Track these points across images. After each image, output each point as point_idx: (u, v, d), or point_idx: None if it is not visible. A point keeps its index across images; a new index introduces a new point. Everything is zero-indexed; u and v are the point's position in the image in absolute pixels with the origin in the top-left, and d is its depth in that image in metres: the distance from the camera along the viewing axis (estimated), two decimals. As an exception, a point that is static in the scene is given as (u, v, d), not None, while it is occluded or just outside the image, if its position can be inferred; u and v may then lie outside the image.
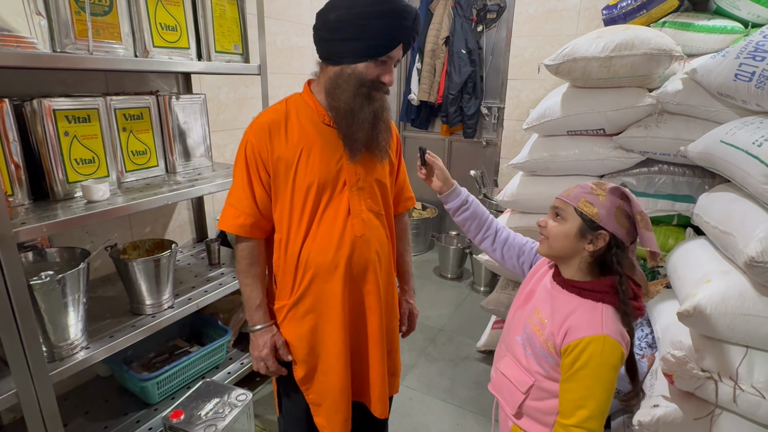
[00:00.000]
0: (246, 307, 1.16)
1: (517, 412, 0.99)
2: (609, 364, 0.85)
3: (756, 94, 1.27)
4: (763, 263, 1.09)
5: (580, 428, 0.85)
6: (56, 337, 1.26)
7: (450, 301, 3.04)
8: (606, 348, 0.85)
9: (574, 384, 0.87)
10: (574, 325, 0.88)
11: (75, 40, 1.25)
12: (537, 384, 0.96)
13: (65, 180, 1.37)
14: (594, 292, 0.90)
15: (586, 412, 0.85)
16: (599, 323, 0.87)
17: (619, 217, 0.88)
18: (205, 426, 1.37)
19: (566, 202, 0.93)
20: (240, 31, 1.80)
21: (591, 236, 0.90)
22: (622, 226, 0.88)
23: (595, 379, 0.85)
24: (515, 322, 1.05)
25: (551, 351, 0.92)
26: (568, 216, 0.92)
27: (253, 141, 1.06)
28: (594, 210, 0.89)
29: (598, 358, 0.84)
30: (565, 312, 0.91)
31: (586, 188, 0.92)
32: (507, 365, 1.04)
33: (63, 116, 1.35)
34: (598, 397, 0.85)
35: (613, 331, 0.86)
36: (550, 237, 0.95)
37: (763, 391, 1.12)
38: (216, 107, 2.21)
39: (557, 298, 0.95)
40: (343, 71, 1.01)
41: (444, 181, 1.15)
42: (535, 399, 0.97)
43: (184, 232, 2.17)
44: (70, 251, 1.39)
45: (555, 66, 1.77)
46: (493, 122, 3.58)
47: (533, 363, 0.97)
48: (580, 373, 0.86)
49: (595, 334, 0.85)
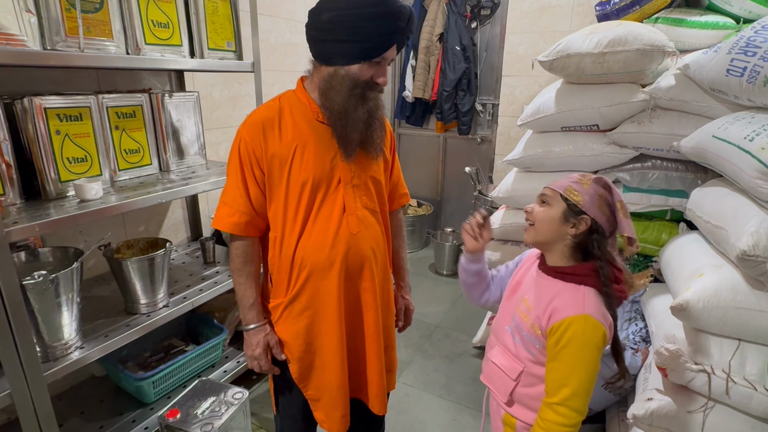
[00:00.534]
0: (240, 306, 1.16)
1: (508, 400, 1.02)
2: (591, 342, 0.89)
3: (747, 89, 1.28)
4: (754, 257, 1.10)
5: (563, 406, 0.88)
6: (50, 337, 1.25)
7: (446, 297, 3.05)
8: (588, 327, 0.89)
9: (557, 363, 0.91)
10: (557, 306, 0.93)
11: (66, 38, 1.24)
12: (526, 370, 0.99)
13: (57, 179, 1.36)
14: (576, 275, 0.95)
15: (569, 390, 0.88)
16: (581, 304, 0.91)
17: (600, 204, 0.94)
18: (202, 425, 1.37)
19: (553, 189, 0.99)
20: (233, 28, 1.79)
21: (574, 220, 0.95)
22: (603, 213, 0.94)
23: (577, 357, 0.89)
24: (504, 312, 1.09)
25: (537, 334, 0.96)
26: (554, 201, 0.98)
27: (246, 139, 1.05)
28: (578, 196, 0.95)
29: (580, 337, 0.89)
30: (550, 295, 0.95)
31: (573, 178, 0.99)
32: (497, 354, 1.07)
33: (54, 114, 1.33)
34: (580, 375, 0.89)
35: (594, 311, 0.90)
36: (536, 221, 1.00)
37: (755, 384, 1.14)
38: (209, 105, 2.20)
39: (542, 284, 1.00)
40: (336, 72, 1.00)
41: (481, 248, 1.14)
42: (525, 385, 1.00)
43: (179, 231, 2.16)
44: (63, 251, 1.38)
45: (549, 62, 1.77)
46: (487, 119, 3.58)
47: (522, 349, 1.00)
48: (563, 351, 0.90)
49: (576, 314, 0.90)
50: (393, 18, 0.96)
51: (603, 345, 0.90)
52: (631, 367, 1.58)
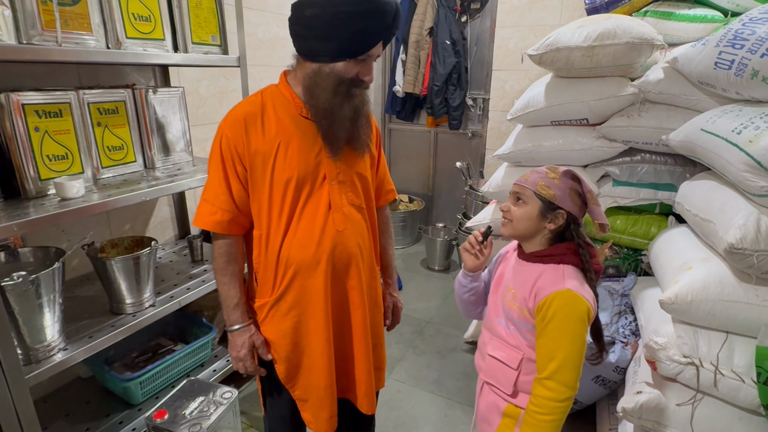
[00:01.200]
0: (223, 307, 1.13)
1: (513, 391, 1.03)
2: (574, 315, 0.92)
3: (735, 82, 1.28)
4: (742, 250, 1.10)
5: (551, 380, 0.90)
6: (32, 339, 1.22)
7: (437, 293, 3.04)
8: (569, 300, 0.92)
9: (544, 339, 0.94)
10: (541, 286, 0.96)
11: (42, 31, 1.20)
12: (526, 356, 1.01)
13: (37, 177, 1.32)
14: (554, 255, 0.99)
15: (556, 363, 0.91)
16: (561, 280, 0.95)
17: (572, 196, 0.99)
18: (190, 425, 1.35)
19: (525, 186, 1.01)
20: (217, 21, 1.75)
21: (551, 216, 0.99)
22: (576, 204, 0.99)
23: (561, 330, 0.91)
24: (493, 306, 1.10)
25: (527, 317, 0.98)
26: (529, 199, 1.01)
27: (228, 134, 1.03)
28: (551, 192, 0.98)
29: (563, 309, 0.91)
30: (533, 279, 0.99)
31: (541, 173, 1.02)
32: (494, 347, 1.08)
33: (33, 111, 1.30)
34: (565, 347, 0.91)
35: (574, 285, 0.94)
36: (514, 219, 1.03)
37: (743, 376, 1.14)
38: (196, 101, 2.16)
39: (524, 270, 1.03)
40: (321, 70, 0.98)
41: (481, 265, 1.14)
42: (527, 373, 1.01)
43: (166, 229, 2.13)
44: (44, 251, 1.35)
45: (538, 56, 1.76)
46: (478, 113, 3.57)
47: (518, 337, 1.02)
48: (548, 327, 0.92)
49: (558, 290, 0.93)
50: (378, 15, 0.93)
51: (587, 319, 0.93)
52: (621, 361, 1.58)
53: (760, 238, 1.10)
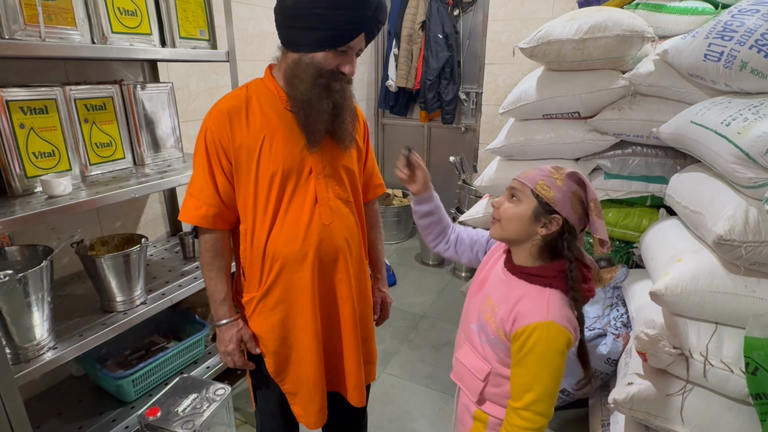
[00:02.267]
0: (210, 302, 1.13)
1: (479, 399, 1.00)
2: (554, 349, 0.86)
3: (724, 74, 1.28)
4: (730, 241, 1.11)
5: (527, 410, 0.87)
6: (20, 338, 1.21)
7: (432, 287, 3.05)
8: (551, 334, 0.85)
9: (521, 369, 0.88)
10: (521, 311, 0.88)
11: (25, 26, 1.18)
12: (494, 371, 0.97)
13: (23, 175, 1.31)
14: (542, 277, 0.90)
15: (533, 395, 0.86)
16: (545, 309, 0.87)
17: (573, 202, 0.88)
18: (183, 422, 1.35)
19: (523, 183, 0.92)
20: (205, 16, 1.73)
21: (545, 219, 0.89)
22: (576, 212, 0.89)
23: (540, 364, 0.86)
24: (470, 309, 1.05)
25: (502, 338, 0.92)
26: (524, 197, 0.91)
27: (212, 128, 1.02)
28: (551, 193, 0.88)
29: (543, 344, 0.85)
30: (514, 299, 0.91)
31: (545, 171, 0.92)
32: (465, 354, 1.04)
33: (17, 107, 1.28)
34: (544, 381, 0.86)
35: (558, 316, 0.86)
36: (503, 218, 0.93)
37: (732, 366, 1.15)
38: (186, 96, 2.14)
39: (507, 284, 0.95)
40: (301, 60, 0.97)
41: (424, 185, 1.09)
42: (494, 385, 0.98)
43: (157, 226, 2.11)
44: (32, 249, 1.33)
45: (529, 49, 1.75)
46: (471, 108, 3.57)
47: (488, 350, 0.97)
48: (527, 358, 0.87)
49: (540, 321, 0.86)
50: (358, 6, 0.92)
51: (567, 350, 0.87)
52: (613, 353, 1.60)
53: (748, 230, 1.10)
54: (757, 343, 1.06)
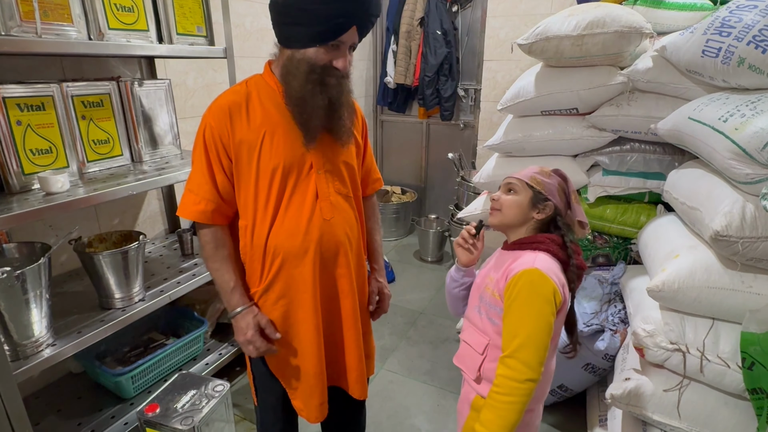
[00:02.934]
0: (221, 293, 1.11)
1: (477, 377, 1.04)
2: (538, 293, 0.92)
3: (722, 70, 1.28)
4: (727, 237, 1.11)
5: (512, 358, 0.89)
6: (19, 335, 1.21)
7: (430, 284, 3.05)
8: (534, 278, 0.93)
9: (509, 317, 0.95)
10: (512, 267, 0.98)
11: (21, 22, 1.17)
12: (491, 342, 1.02)
13: (20, 171, 1.30)
14: (532, 243, 1.02)
15: (518, 340, 0.90)
16: (532, 261, 0.96)
17: (560, 192, 1.05)
18: (182, 418, 1.35)
19: (519, 178, 1.07)
20: (203, 12, 1.72)
21: (540, 206, 1.03)
22: (562, 201, 1.05)
23: (526, 307, 0.92)
24: (473, 296, 1.13)
25: (497, 299, 1.00)
26: (521, 189, 1.05)
27: (212, 124, 1.02)
28: (543, 183, 1.04)
29: (528, 287, 0.92)
30: (507, 263, 1.01)
31: (534, 169, 1.08)
32: (466, 332, 1.12)
33: (14, 104, 1.27)
34: (529, 325, 0.90)
35: (544, 267, 0.94)
36: (504, 206, 1.06)
37: (728, 361, 1.16)
38: (183, 93, 2.14)
39: (503, 257, 1.06)
40: (293, 56, 0.97)
41: (474, 261, 1.14)
42: (492, 360, 1.01)
43: (156, 223, 2.11)
44: (30, 246, 1.33)
45: (528, 45, 1.75)
46: (470, 104, 3.56)
47: (486, 321, 1.03)
48: (513, 304, 0.94)
49: (526, 268, 0.94)
50: (347, 0, 0.91)
51: (554, 301, 0.92)
52: (610, 348, 1.60)
53: (745, 226, 1.10)
54: (753, 338, 1.06)
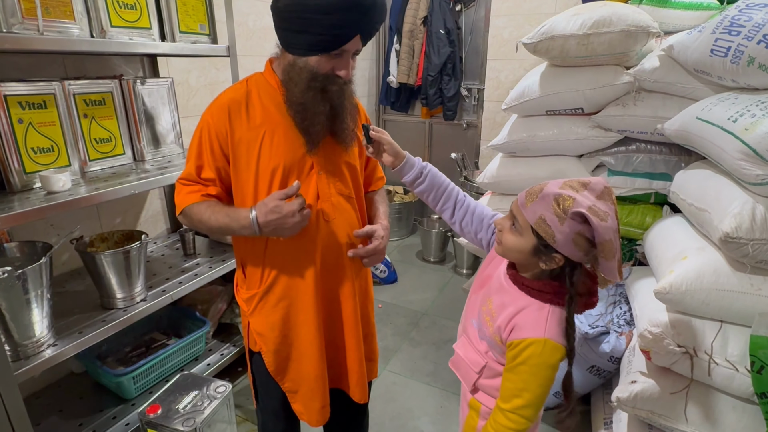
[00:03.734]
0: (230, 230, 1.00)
1: (473, 388, 1.04)
2: (547, 364, 0.87)
3: (731, 70, 1.26)
4: (737, 239, 1.10)
5: (514, 413, 0.89)
6: (20, 335, 1.20)
7: (433, 284, 3.04)
8: (546, 350, 0.86)
9: (513, 376, 0.90)
10: (519, 323, 0.89)
11: (22, 19, 1.16)
12: (488, 365, 1.00)
13: (22, 170, 1.29)
14: (543, 293, 0.89)
15: (521, 401, 0.89)
16: (543, 326, 0.87)
17: (578, 241, 0.81)
18: (183, 419, 1.34)
19: (523, 216, 0.86)
20: (205, 10, 1.71)
21: (545, 257, 0.86)
22: (581, 250, 0.82)
23: (531, 375, 0.88)
24: (471, 305, 1.07)
25: (498, 342, 0.95)
26: (524, 231, 0.87)
27: (210, 122, 1.01)
28: (551, 233, 0.81)
29: (537, 358, 0.87)
30: (514, 309, 0.91)
31: (548, 202, 0.82)
32: (462, 345, 1.07)
33: (16, 102, 1.27)
34: (533, 390, 0.88)
35: (555, 333, 0.87)
36: (505, 246, 0.91)
37: (737, 364, 1.14)
38: (186, 92, 2.13)
39: (508, 293, 0.94)
40: (295, 62, 0.95)
41: (395, 155, 1.05)
42: (488, 377, 1.01)
43: (158, 223, 2.10)
44: (31, 245, 1.32)
45: (533, 44, 1.74)
46: (473, 104, 3.55)
47: (485, 346, 1.00)
48: (519, 368, 0.89)
49: (536, 337, 0.87)
50: (350, 9, 0.88)
51: (559, 364, 0.88)
52: (616, 351, 1.59)
53: (755, 227, 1.09)
54: (763, 341, 1.05)
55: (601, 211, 0.78)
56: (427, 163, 1.11)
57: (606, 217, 0.78)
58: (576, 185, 0.82)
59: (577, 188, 0.81)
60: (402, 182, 1.10)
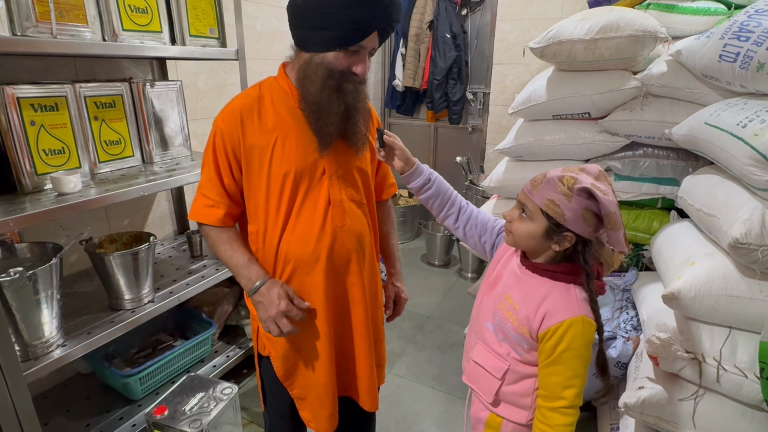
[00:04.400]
0: (236, 271, 1.05)
1: (494, 400, 1.00)
2: (588, 341, 0.89)
3: (740, 75, 1.26)
4: (747, 245, 1.09)
5: (572, 407, 0.89)
6: (30, 336, 1.21)
7: (438, 288, 3.04)
8: (585, 328, 0.89)
9: (559, 366, 0.90)
10: (550, 309, 0.90)
11: (36, 23, 1.18)
12: (512, 368, 0.98)
13: (33, 172, 1.31)
14: (566, 274, 0.92)
15: (575, 390, 0.89)
16: (576, 305, 0.90)
17: (586, 217, 0.86)
18: (190, 421, 1.35)
19: (532, 201, 0.91)
20: (215, 14, 1.73)
21: (557, 237, 0.89)
22: (589, 225, 0.87)
23: (578, 358, 0.89)
24: (483, 308, 1.05)
25: (526, 335, 0.94)
26: (534, 216, 0.90)
27: (222, 128, 1.01)
28: (560, 212, 0.86)
29: (580, 338, 0.88)
30: (539, 296, 0.92)
31: (552, 184, 0.87)
32: (479, 353, 1.04)
33: (28, 104, 1.28)
34: (582, 374, 0.89)
35: (587, 310, 0.90)
36: (516, 234, 0.94)
37: (746, 371, 1.14)
38: (194, 95, 2.14)
39: (528, 282, 0.95)
40: (312, 60, 0.96)
41: (405, 161, 1.09)
42: (511, 383, 0.98)
43: (165, 224, 2.12)
44: (42, 246, 1.33)
45: (540, 49, 1.74)
46: (478, 108, 3.55)
47: (506, 347, 0.98)
48: (565, 355, 0.89)
49: (574, 316, 0.89)
50: (370, 4, 0.90)
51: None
52: (623, 356, 1.58)
53: (765, 233, 1.08)
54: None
55: (603, 188, 0.84)
56: (433, 170, 1.15)
57: (607, 192, 0.84)
58: (574, 170, 0.89)
59: (576, 171, 0.88)
60: (408, 187, 1.13)
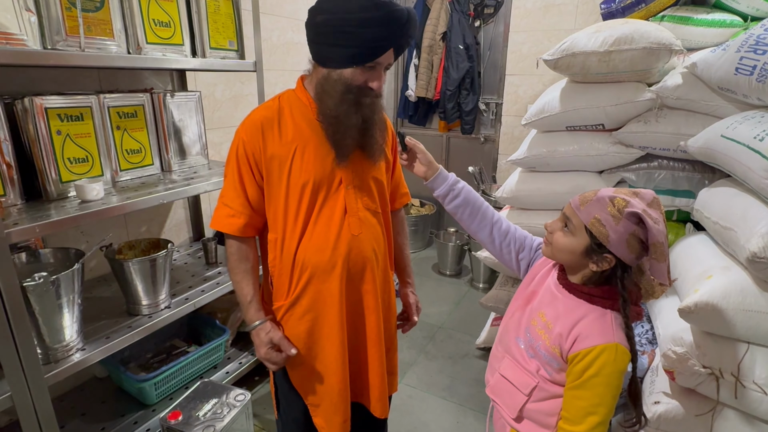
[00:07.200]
0: (240, 304, 1.13)
1: (517, 416, 0.98)
2: (619, 370, 0.85)
3: (757, 88, 1.25)
4: (765, 259, 1.08)
5: None
6: (51, 339, 1.24)
7: (449, 298, 3.03)
8: (618, 356, 0.85)
9: (585, 392, 0.87)
10: (584, 332, 0.87)
11: (66, 37, 1.23)
12: (540, 385, 0.95)
13: (58, 179, 1.35)
14: (603, 298, 0.89)
15: (597, 418, 0.85)
16: (611, 331, 0.86)
17: (631, 243, 0.84)
18: (204, 427, 1.36)
19: (578, 216, 0.88)
20: (235, 27, 1.77)
21: (596, 257, 0.87)
22: (632, 251, 0.84)
23: (606, 386, 0.85)
24: (514, 323, 1.03)
25: (557, 355, 0.91)
26: (577, 231, 0.89)
27: (245, 139, 1.04)
28: (605, 232, 0.84)
29: (611, 365, 0.84)
30: (574, 318, 0.89)
31: (603, 203, 0.85)
32: (507, 367, 1.02)
33: (55, 114, 1.33)
34: (608, 403, 0.85)
35: (622, 338, 0.86)
36: (555, 247, 0.92)
37: (765, 387, 1.12)
38: (211, 105, 2.19)
39: (563, 302, 0.93)
40: (330, 75, 0.99)
41: (428, 165, 1.09)
42: (537, 400, 0.96)
43: (181, 232, 2.15)
44: (64, 252, 1.37)
45: (554, 61, 1.75)
46: (491, 118, 3.56)
47: (536, 365, 0.96)
48: (593, 380, 0.85)
49: (607, 343, 0.85)
50: (387, 23, 0.93)
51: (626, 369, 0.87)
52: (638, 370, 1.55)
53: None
54: (793, 364, 1.02)
55: (654, 216, 0.82)
56: (460, 179, 1.12)
57: (658, 221, 0.82)
58: (628, 192, 0.86)
59: (629, 195, 0.85)
60: (434, 195, 1.11)
